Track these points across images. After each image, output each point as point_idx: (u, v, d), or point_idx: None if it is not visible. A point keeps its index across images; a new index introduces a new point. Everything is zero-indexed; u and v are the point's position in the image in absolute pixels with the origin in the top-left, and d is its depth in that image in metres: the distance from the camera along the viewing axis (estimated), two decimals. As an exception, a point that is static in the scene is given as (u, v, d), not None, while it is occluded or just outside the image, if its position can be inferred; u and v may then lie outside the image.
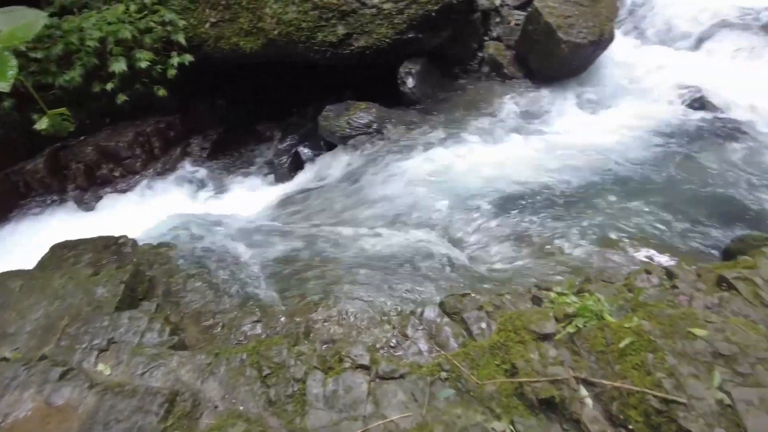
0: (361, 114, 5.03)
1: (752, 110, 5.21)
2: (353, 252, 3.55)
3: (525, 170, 4.41)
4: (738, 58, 6.04)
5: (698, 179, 4.36)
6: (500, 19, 6.20)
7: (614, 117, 5.21)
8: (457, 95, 5.44)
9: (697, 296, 2.44)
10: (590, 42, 5.27)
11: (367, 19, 5.19)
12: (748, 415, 1.75)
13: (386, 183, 4.32)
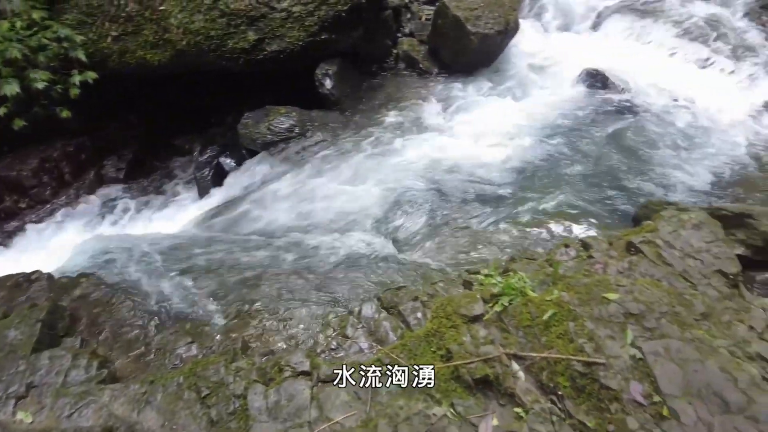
0: (281, 119, 4.96)
1: (646, 87, 5.68)
2: (285, 260, 3.51)
3: (447, 162, 4.55)
4: (630, 39, 6.54)
5: (606, 154, 4.69)
6: (411, 15, 6.33)
7: (526, 102, 5.49)
8: (376, 93, 5.50)
9: (610, 263, 2.63)
10: (497, 32, 5.50)
11: (277, 23, 5.12)
12: (656, 364, 1.92)
13: (312, 187, 4.30)
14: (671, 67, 5.98)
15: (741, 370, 1.91)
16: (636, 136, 4.86)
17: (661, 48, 6.31)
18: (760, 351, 2.11)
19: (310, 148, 4.72)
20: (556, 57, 6.17)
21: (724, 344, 2.09)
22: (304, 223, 3.97)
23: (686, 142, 4.80)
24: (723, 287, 2.52)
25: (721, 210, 3.24)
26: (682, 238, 2.71)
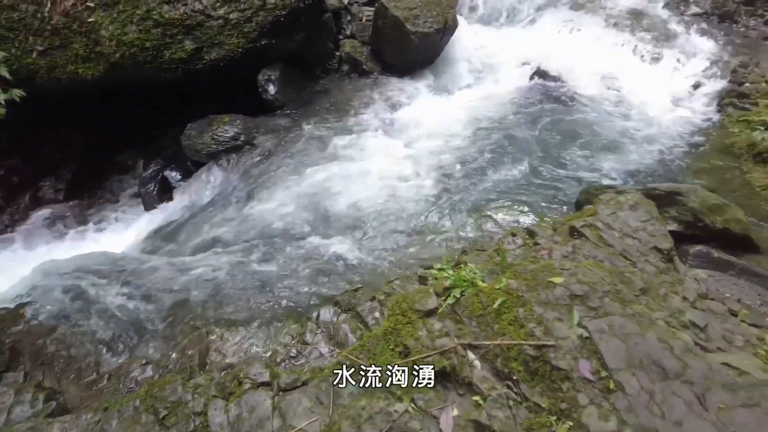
0: (225, 127, 4.87)
1: (581, 76, 5.93)
2: (238, 272, 3.46)
3: (394, 162, 4.60)
4: (564, 31, 6.81)
5: (547, 143, 4.87)
6: (351, 17, 6.35)
7: (468, 97, 5.62)
8: (320, 96, 5.49)
9: (555, 248, 2.75)
10: (436, 30, 5.61)
11: (215, 31, 5.03)
12: (602, 341, 2.02)
13: (261, 194, 4.25)
14: (603, 56, 6.27)
15: (676, 339, 2.04)
16: (574, 124, 5.08)
17: (592, 38, 6.60)
18: (693, 319, 2.27)
19: (256, 155, 4.66)
20: (495, 51, 6.35)
21: (661, 316, 2.23)
22: (255, 233, 3.91)
23: (620, 128, 5.06)
24: (659, 263, 2.68)
25: (654, 190, 3.44)
26: (620, 219, 2.86)
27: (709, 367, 1.96)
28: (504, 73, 6.00)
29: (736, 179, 4.38)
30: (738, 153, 4.65)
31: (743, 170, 4.47)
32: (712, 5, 6.93)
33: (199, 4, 5.01)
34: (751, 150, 4.56)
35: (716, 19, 6.83)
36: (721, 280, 3.33)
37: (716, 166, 4.53)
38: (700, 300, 2.45)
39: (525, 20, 7.20)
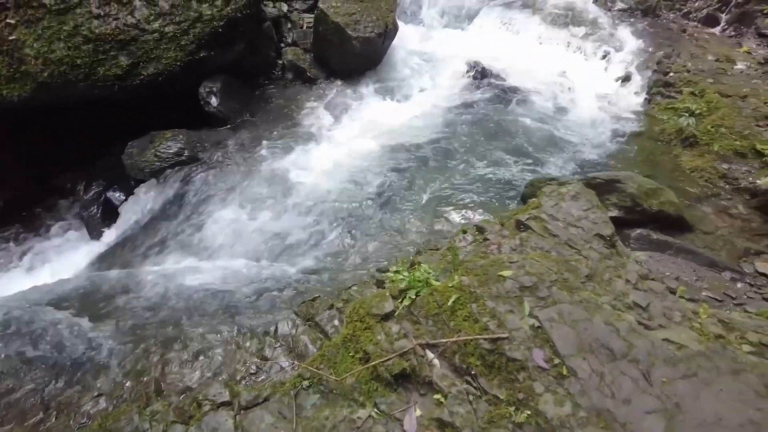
0: (168, 143, 4.73)
1: (520, 73, 6.14)
2: (190, 291, 3.36)
3: (342, 168, 4.61)
4: (502, 30, 7.04)
5: (493, 140, 5.01)
6: (292, 25, 6.30)
7: (412, 99, 5.71)
8: (265, 105, 5.42)
9: (504, 242, 2.83)
10: (378, 35, 5.65)
11: (151, 45, 4.88)
12: (552, 329, 2.10)
13: (208, 210, 4.15)
14: (540, 53, 6.53)
15: (621, 320, 2.15)
16: (516, 120, 5.25)
17: (530, 36, 6.86)
18: (636, 300, 2.39)
19: (202, 170, 4.54)
20: (437, 53, 6.47)
21: (606, 300, 2.33)
22: (205, 249, 3.82)
23: (559, 121, 5.27)
24: (602, 248, 2.81)
25: (594, 179, 3.61)
26: (563, 209, 2.98)
27: (652, 344, 2.07)
28: (446, 74, 6.12)
29: (667, 163, 4.65)
30: (668, 139, 4.94)
31: (674, 155, 4.76)
32: (636, 1, 7.33)
33: (131, 18, 4.85)
34: (679, 135, 4.86)
35: (640, 14, 7.23)
36: (661, 259, 3.54)
37: (649, 152, 4.80)
38: (641, 281, 2.58)
39: (465, 22, 7.38)
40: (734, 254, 3.74)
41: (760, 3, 6.34)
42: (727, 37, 6.69)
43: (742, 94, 5.22)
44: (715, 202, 4.18)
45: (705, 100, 5.14)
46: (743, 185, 4.31)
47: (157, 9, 4.97)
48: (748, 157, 4.51)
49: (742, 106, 5.05)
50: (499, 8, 7.23)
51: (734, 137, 4.63)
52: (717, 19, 6.90)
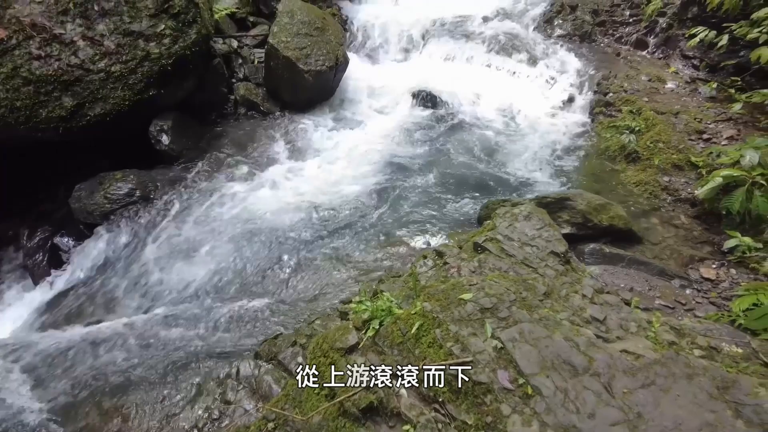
0: (118, 184, 4.58)
1: (468, 99, 6.36)
2: (146, 337, 3.21)
3: (299, 200, 4.59)
4: (449, 59, 7.29)
5: (446, 165, 5.12)
6: (243, 60, 6.31)
7: (366, 129, 5.80)
8: (218, 141, 5.36)
9: (463, 265, 2.86)
10: (329, 67, 5.74)
11: (96, 85, 4.77)
12: (515, 349, 2.12)
13: (162, 252, 4.02)
14: (487, 80, 6.78)
15: (580, 335, 2.20)
16: (468, 145, 5.41)
17: (476, 64, 7.12)
18: (593, 314, 2.46)
19: (154, 211, 4.42)
20: (388, 83, 6.63)
21: (565, 316, 2.39)
22: (160, 294, 3.68)
23: (510, 143, 5.46)
24: (558, 265, 2.89)
25: (545, 198, 3.73)
26: (518, 229, 3.05)
27: (611, 356, 2.12)
28: (398, 103, 6.27)
29: (614, 179, 4.87)
30: (612, 155, 5.19)
31: (619, 170, 4.99)
32: (573, 27, 7.76)
33: (75, 59, 4.74)
34: (623, 152, 5.11)
35: (578, 39, 7.65)
36: (615, 272, 3.67)
37: (596, 169, 5.02)
38: (597, 295, 2.66)
39: (413, 52, 7.62)
40: (681, 262, 3.92)
41: (681, 28, 6.84)
42: (656, 58, 7.15)
43: (674, 111, 5.57)
44: (660, 214, 4.39)
45: (642, 117, 5.44)
46: (683, 196, 4.56)
47: (102, 49, 4.88)
48: (685, 169, 4.79)
49: (676, 122, 5.38)
50: (446, 38, 7.50)
51: (671, 151, 4.92)
52: (646, 43, 7.38)
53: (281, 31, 5.76)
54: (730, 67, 6.03)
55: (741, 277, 3.74)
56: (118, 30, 4.90)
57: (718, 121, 5.40)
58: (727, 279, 3.75)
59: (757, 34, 5.20)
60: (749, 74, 5.65)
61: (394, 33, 7.76)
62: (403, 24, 7.91)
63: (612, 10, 8.12)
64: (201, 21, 5.22)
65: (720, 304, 3.49)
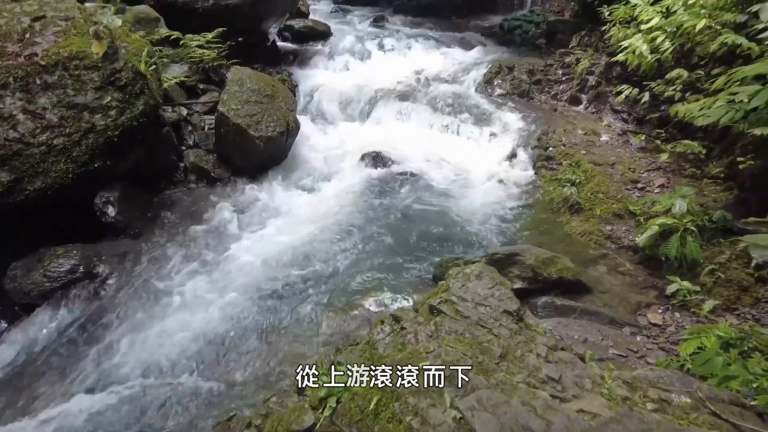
0: (60, 261, 4.37)
1: (417, 159, 6.59)
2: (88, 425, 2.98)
3: (253, 268, 4.50)
4: (397, 120, 7.58)
5: (399, 226, 5.19)
6: (192, 127, 6.30)
7: (318, 193, 5.85)
8: (167, 211, 5.24)
9: (420, 329, 2.86)
10: (280, 133, 5.83)
11: (37, 158, 4.63)
12: (474, 419, 2.10)
13: (106, 333, 3.80)
14: (434, 140, 7.07)
15: (537, 398, 2.21)
16: (419, 204, 5.54)
17: (423, 124, 7.43)
18: (548, 373, 2.48)
19: (98, 287, 4.21)
20: (339, 146, 6.79)
21: (521, 378, 2.40)
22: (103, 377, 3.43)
23: (459, 201, 5.63)
24: (511, 324, 2.93)
25: (495, 254, 3.83)
26: (470, 289, 3.10)
27: (568, 418, 2.14)
28: (348, 165, 6.39)
29: (560, 230, 5.07)
30: (557, 207, 5.42)
31: (564, 221, 5.21)
32: (511, 87, 8.28)
33: (14, 133, 4.61)
34: (566, 203, 5.36)
35: (516, 97, 8.14)
36: (568, 324, 3.75)
37: (543, 222, 5.22)
38: (551, 353, 2.70)
39: (363, 115, 7.87)
40: (629, 309, 4.06)
41: (608, 85, 7.43)
42: (590, 113, 7.68)
43: (610, 162, 5.94)
44: (606, 262, 4.57)
45: (582, 170, 5.76)
46: (626, 243, 4.78)
47: (44, 122, 4.78)
48: (625, 217, 5.05)
49: (612, 173, 5.72)
50: (393, 101, 7.82)
51: (611, 201, 5.20)
52: (579, 99, 7.95)
53: (231, 99, 5.84)
54: (654, 120, 6.55)
55: (685, 320, 3.91)
56: (61, 103, 4.83)
57: (650, 170, 5.79)
58: (672, 323, 3.90)
59: (672, 92, 5.71)
60: (671, 126, 6.13)
61: (343, 97, 8.04)
62: (352, 88, 8.23)
63: (546, 70, 8.74)
64: (149, 92, 5.23)
65: (669, 349, 3.61)
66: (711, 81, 4.76)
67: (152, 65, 5.36)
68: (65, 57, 4.93)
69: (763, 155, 4.24)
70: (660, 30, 5.71)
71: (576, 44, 9.20)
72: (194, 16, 7.80)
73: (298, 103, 7.63)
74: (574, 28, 10.06)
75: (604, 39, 7.52)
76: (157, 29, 7.35)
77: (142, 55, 5.24)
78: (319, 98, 7.94)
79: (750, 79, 3.93)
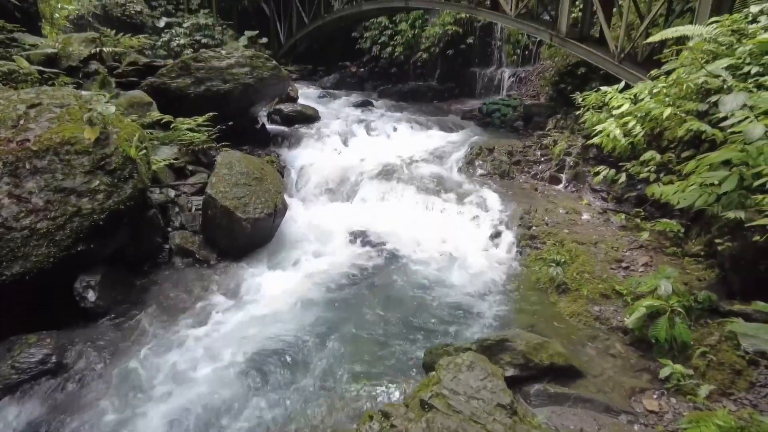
0: (31, 350, 4.15)
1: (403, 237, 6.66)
2: None
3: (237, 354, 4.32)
4: (383, 200, 7.72)
5: (387, 307, 5.12)
6: (179, 209, 6.33)
7: (306, 273, 5.78)
8: (150, 295, 5.11)
9: (411, 427, 2.73)
10: (267, 215, 5.87)
11: (18, 242, 4.55)
12: None
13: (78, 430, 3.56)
14: (418, 219, 7.17)
15: (537, 506, 2.08)
16: (405, 286, 5.51)
17: (407, 204, 7.57)
18: (547, 475, 2.36)
19: (72, 379, 3.98)
20: (326, 225, 6.83)
21: (519, 481, 2.27)
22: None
23: (445, 282, 5.62)
24: (505, 419, 2.82)
25: (486, 341, 3.77)
26: (462, 382, 3.01)
27: None
28: (336, 245, 6.41)
29: (548, 312, 5.04)
30: (544, 288, 5.43)
31: (552, 302, 5.19)
32: (492, 167, 8.58)
33: (-4, 217, 4.57)
34: (553, 283, 5.37)
35: (498, 177, 8.42)
36: (562, 413, 3.62)
37: (530, 303, 5.19)
38: (548, 449, 2.58)
39: (350, 194, 8.02)
40: (624, 394, 3.96)
41: (586, 166, 7.73)
42: (569, 192, 7.93)
43: (593, 241, 6.04)
44: (596, 344, 4.51)
45: (566, 249, 5.84)
46: (615, 324, 4.76)
47: (29, 206, 4.76)
48: (612, 297, 5.06)
49: (596, 252, 5.80)
50: (379, 181, 8.02)
51: (597, 281, 5.23)
52: (559, 179, 8.23)
53: (220, 181, 5.92)
54: (632, 199, 6.77)
55: (681, 406, 3.81)
56: (49, 187, 4.85)
57: (632, 249, 5.89)
58: (669, 410, 3.80)
59: (647, 173, 5.95)
60: (649, 204, 6.33)
61: (331, 177, 8.23)
62: (339, 168, 8.47)
63: (525, 151, 9.12)
64: (137, 176, 5.28)
65: (668, 439, 3.49)
66: (682, 163, 4.99)
67: (143, 149, 5.46)
68: (57, 142, 5.01)
69: (739, 237, 4.36)
70: (630, 115, 6.06)
71: (552, 127, 9.70)
72: (186, 101, 8.10)
73: (286, 183, 7.78)
74: (549, 111, 10.66)
75: (578, 122, 7.92)
76: (149, 113, 7.59)
77: (133, 140, 5.34)
78: (307, 179, 8.12)
79: (718, 164, 4.13)
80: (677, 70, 5.47)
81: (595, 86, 7.50)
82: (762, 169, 3.66)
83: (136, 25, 17.22)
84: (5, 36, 7.55)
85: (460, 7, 11.44)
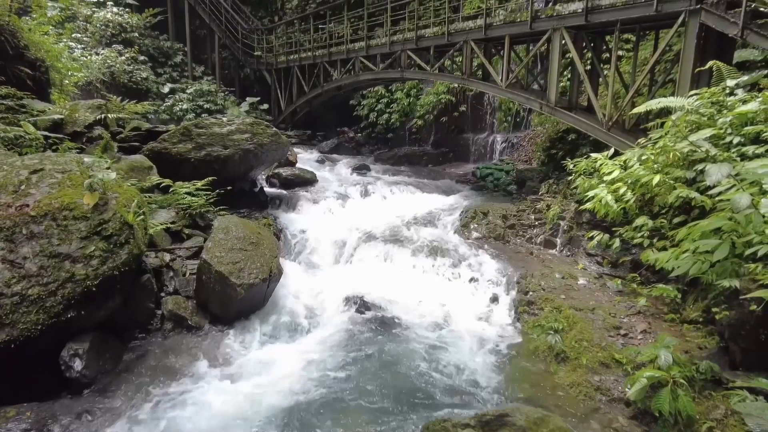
0: (9, 426, 3.98)
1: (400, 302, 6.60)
2: None
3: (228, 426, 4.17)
4: (380, 263, 7.70)
5: (383, 377, 4.97)
6: (174, 273, 6.27)
7: (300, 340, 5.69)
8: (140, 363, 4.96)
9: None
10: (262, 280, 5.83)
11: (7, 309, 4.47)
12: None
13: None
14: (416, 283, 7.12)
15: None
16: (402, 354, 5.38)
17: (404, 267, 7.55)
18: None
19: (51, 458, 3.81)
20: (322, 290, 6.78)
21: None
22: None
23: (443, 349, 5.50)
24: (506, 502, 2.68)
25: (485, 416, 3.64)
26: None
27: None
28: (331, 311, 6.33)
29: (547, 382, 4.91)
30: (542, 356, 5.31)
31: (551, 371, 5.07)
32: (487, 230, 8.64)
33: (-13, 285, 4.51)
34: (551, 352, 5.27)
35: (493, 241, 8.45)
36: (567, 494, 3.44)
37: (529, 373, 5.06)
38: None
39: (346, 257, 8.02)
40: (631, 473, 3.79)
41: (580, 230, 7.81)
42: (565, 256, 7.95)
43: (590, 307, 5.99)
44: (598, 417, 4.37)
45: (563, 315, 5.77)
46: (616, 395, 4.62)
47: (21, 271, 4.72)
48: (612, 366, 4.95)
49: (594, 318, 5.74)
50: (375, 244, 8.04)
51: (596, 349, 5.13)
52: (554, 243, 8.27)
53: (216, 246, 5.93)
54: (627, 264, 6.78)
55: (693, 487, 3.64)
56: (44, 252, 4.83)
57: (630, 315, 5.83)
58: (679, 491, 3.62)
59: (640, 239, 6.00)
60: (644, 269, 6.33)
61: (327, 240, 8.28)
62: (336, 231, 8.52)
63: (519, 215, 9.22)
64: (134, 241, 5.28)
65: None
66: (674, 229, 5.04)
67: (140, 215, 5.50)
68: (56, 207, 5.05)
69: (735, 305, 4.34)
70: (621, 181, 6.18)
71: (545, 191, 9.87)
72: (186, 165, 8.28)
73: (282, 246, 7.80)
74: (542, 176, 10.91)
75: (570, 187, 8.07)
76: (149, 177, 7.72)
77: (131, 205, 5.39)
78: (304, 242, 8.15)
79: (709, 232, 4.18)
80: (663, 138, 5.66)
81: (585, 152, 7.73)
82: (752, 238, 3.70)
83: (141, 91, 17.88)
84: (15, 103, 7.78)
85: (453, 78, 11.96)
